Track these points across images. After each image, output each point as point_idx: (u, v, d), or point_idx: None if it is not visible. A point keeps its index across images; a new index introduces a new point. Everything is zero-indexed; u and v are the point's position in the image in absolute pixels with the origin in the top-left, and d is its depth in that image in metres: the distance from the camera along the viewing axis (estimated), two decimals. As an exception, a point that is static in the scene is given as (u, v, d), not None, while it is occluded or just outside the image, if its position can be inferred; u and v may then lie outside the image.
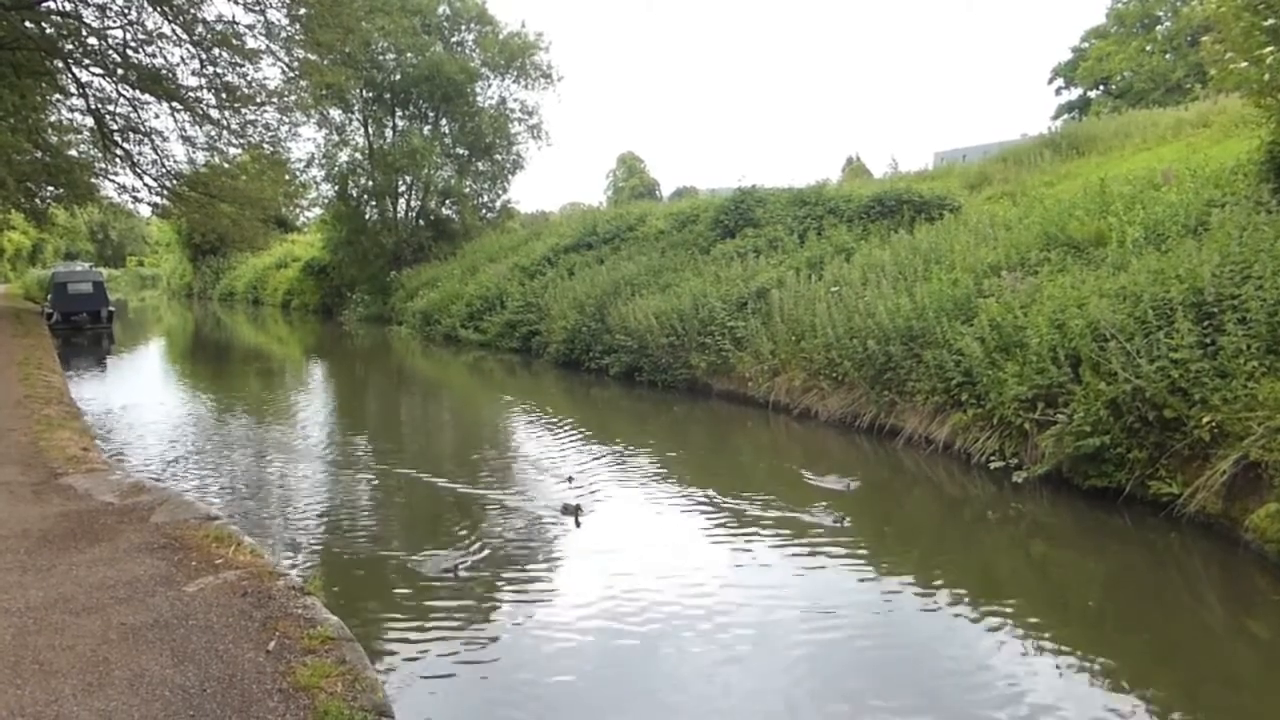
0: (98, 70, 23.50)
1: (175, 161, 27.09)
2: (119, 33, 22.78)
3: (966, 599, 7.07)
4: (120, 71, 23.24)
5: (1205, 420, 8.37)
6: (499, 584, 7.44)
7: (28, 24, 21.28)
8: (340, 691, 4.54)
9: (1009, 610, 6.90)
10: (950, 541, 8.84)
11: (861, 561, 7.86)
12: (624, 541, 8.57)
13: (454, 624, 6.65)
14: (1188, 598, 7.51)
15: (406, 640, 6.40)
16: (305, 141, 51.16)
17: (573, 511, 8.13)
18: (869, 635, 6.49)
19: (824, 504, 9.20)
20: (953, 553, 8.38)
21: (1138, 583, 7.63)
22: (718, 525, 8.97)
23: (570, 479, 10.52)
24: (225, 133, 25.82)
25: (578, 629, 6.53)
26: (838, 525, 8.59)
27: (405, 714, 4.67)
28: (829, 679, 5.83)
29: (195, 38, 22.42)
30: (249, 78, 24.06)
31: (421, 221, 39.69)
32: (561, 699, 5.63)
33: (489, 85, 39.40)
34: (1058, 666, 5.95)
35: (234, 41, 22.62)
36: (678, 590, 7.16)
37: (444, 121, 39.43)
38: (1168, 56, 47.40)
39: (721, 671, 5.91)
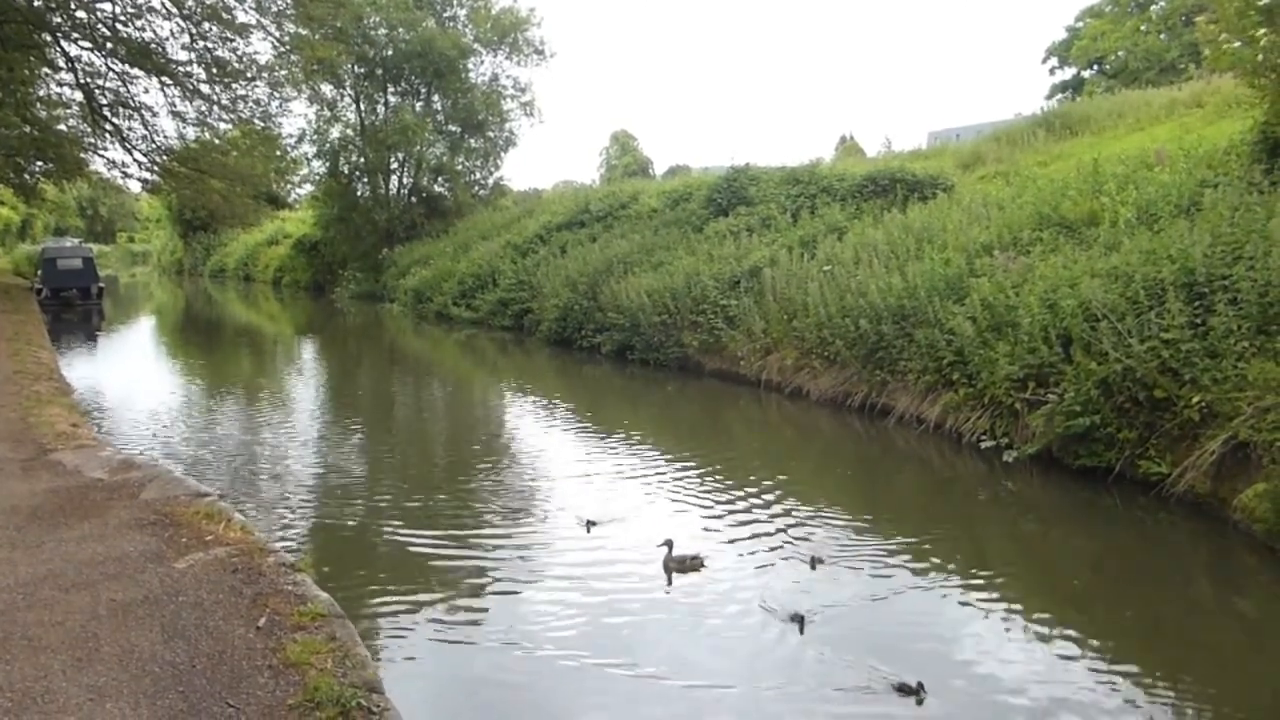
0: (87, 44, 23.30)
1: (165, 137, 26.97)
2: (108, 6, 22.60)
3: (955, 576, 7.10)
4: (109, 46, 23.03)
5: (1195, 400, 8.40)
6: (489, 562, 7.46)
7: (15, -3, 21.06)
8: (330, 668, 4.54)
9: (997, 587, 6.95)
10: (940, 519, 8.86)
11: (851, 539, 7.88)
12: (619, 523, 8.57)
13: (445, 601, 6.66)
14: (1176, 576, 7.56)
15: (397, 617, 6.41)
16: (296, 117, 50.89)
17: None
18: (855, 610, 6.51)
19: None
20: (942, 530, 8.39)
21: (1126, 561, 7.68)
22: (715, 510, 8.99)
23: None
24: (215, 108, 25.69)
25: (569, 608, 6.55)
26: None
27: (395, 690, 4.67)
28: (811, 650, 5.86)
29: (185, 11, 22.25)
30: (239, 52, 23.93)
31: (413, 199, 39.51)
32: (551, 677, 5.65)
33: (481, 61, 39.15)
34: (1045, 643, 6.00)
35: (224, 15, 22.46)
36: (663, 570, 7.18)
37: (436, 98, 39.13)
38: (1162, 36, 47.20)
39: (695, 645, 5.95)
